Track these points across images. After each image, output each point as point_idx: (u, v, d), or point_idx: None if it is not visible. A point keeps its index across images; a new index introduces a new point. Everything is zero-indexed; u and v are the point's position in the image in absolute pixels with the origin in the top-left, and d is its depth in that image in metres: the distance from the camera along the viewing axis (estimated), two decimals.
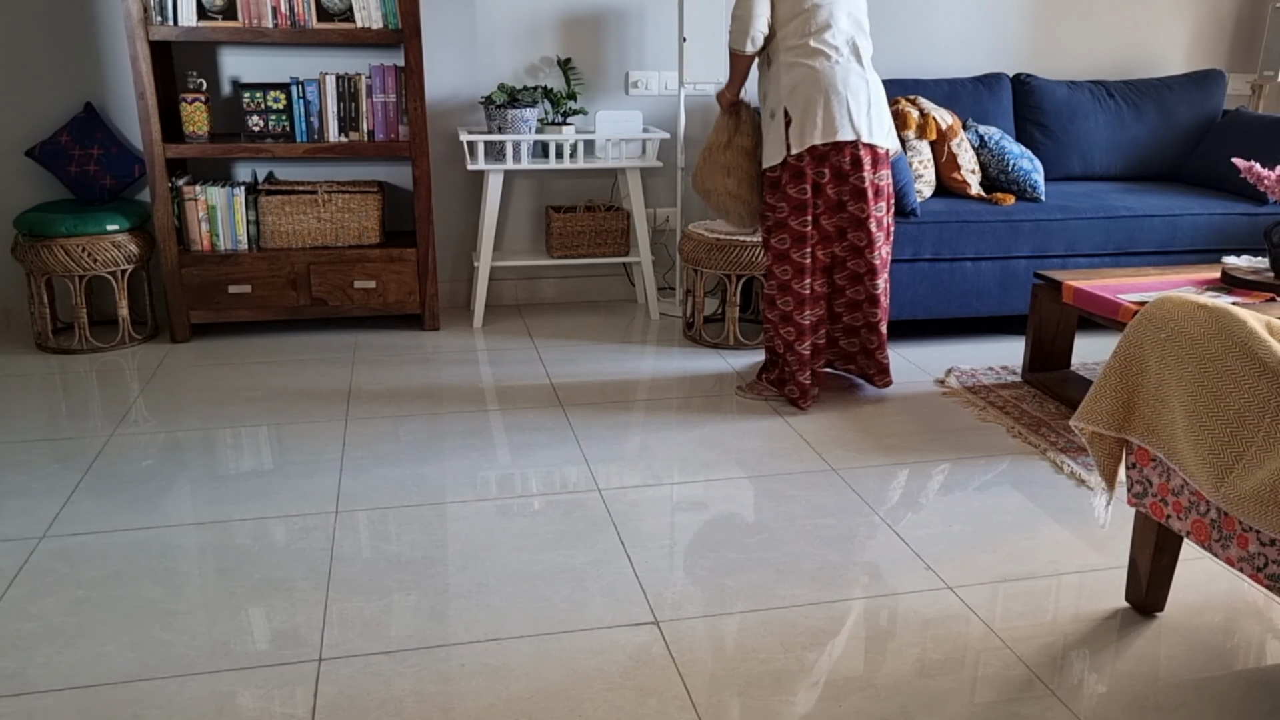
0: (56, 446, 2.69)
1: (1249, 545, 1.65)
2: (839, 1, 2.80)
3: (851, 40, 2.83)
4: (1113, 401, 1.85)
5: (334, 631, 1.89)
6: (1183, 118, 4.20)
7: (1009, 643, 1.88)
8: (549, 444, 2.74)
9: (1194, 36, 4.53)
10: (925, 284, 3.52)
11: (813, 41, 2.79)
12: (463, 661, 1.80)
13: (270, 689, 1.72)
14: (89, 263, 3.36)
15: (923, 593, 2.04)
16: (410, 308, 3.69)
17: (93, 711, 1.66)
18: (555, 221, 3.84)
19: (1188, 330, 1.72)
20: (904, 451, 2.72)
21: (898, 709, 1.69)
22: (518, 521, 2.32)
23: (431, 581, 2.06)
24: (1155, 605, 1.97)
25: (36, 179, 3.66)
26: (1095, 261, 3.63)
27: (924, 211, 3.47)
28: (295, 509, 2.36)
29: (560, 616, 1.94)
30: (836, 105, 2.79)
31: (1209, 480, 1.64)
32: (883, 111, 2.91)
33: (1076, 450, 2.73)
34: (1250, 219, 3.71)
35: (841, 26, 2.81)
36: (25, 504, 2.37)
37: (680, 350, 3.56)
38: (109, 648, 1.83)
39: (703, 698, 1.71)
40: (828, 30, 2.79)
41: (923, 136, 3.64)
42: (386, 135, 3.60)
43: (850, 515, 2.36)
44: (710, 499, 2.44)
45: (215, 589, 2.02)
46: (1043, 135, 4.08)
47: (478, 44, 3.86)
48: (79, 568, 2.09)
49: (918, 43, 4.25)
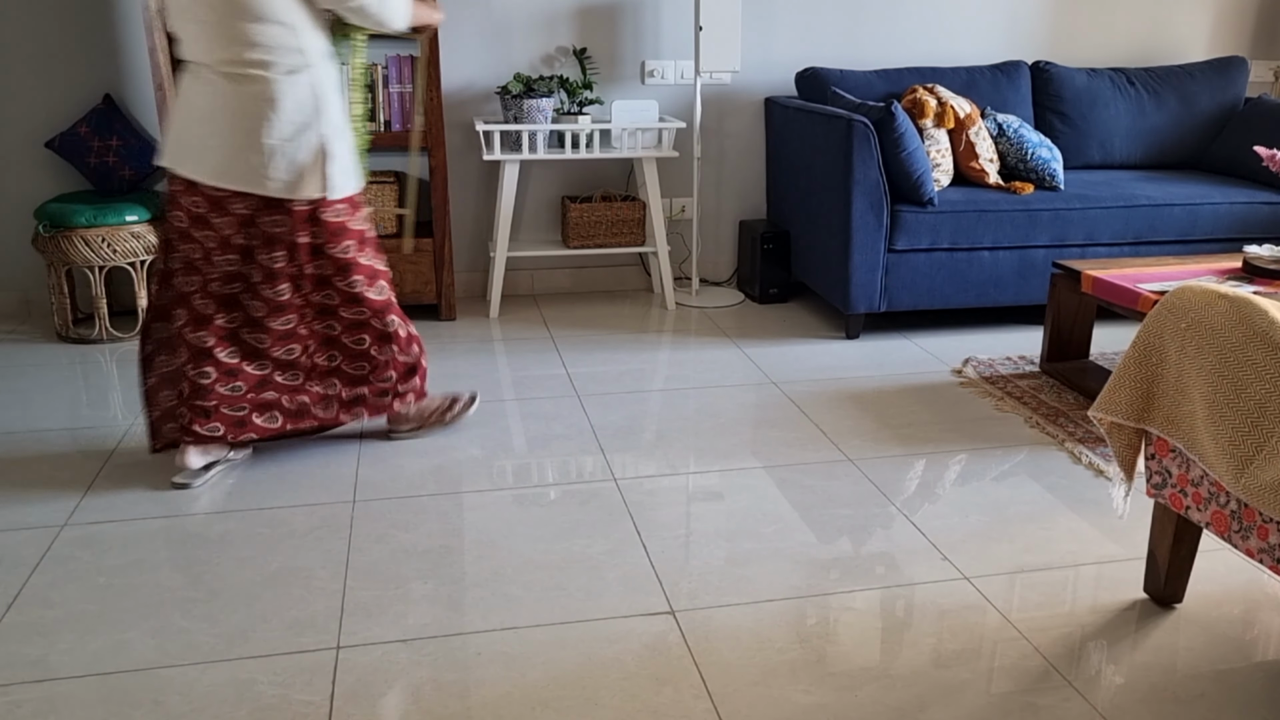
0: (77, 436, 2.71)
1: (1269, 536, 1.64)
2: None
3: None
4: (1132, 392, 1.84)
5: (352, 620, 1.90)
6: (1204, 105, 4.16)
7: (1026, 633, 1.87)
8: (565, 434, 2.75)
9: (1216, 23, 4.48)
10: (943, 273, 3.50)
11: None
12: (479, 650, 1.81)
13: (289, 676, 1.73)
14: (109, 253, 3.38)
15: (939, 583, 2.04)
16: (427, 298, 3.70)
17: (114, 698, 1.68)
18: (571, 211, 3.84)
19: (1208, 320, 1.70)
20: (921, 442, 2.71)
21: (914, 699, 1.69)
22: (534, 511, 2.32)
23: (448, 570, 2.07)
24: (1174, 596, 1.96)
25: (56, 170, 3.68)
26: (1115, 251, 3.60)
27: (941, 201, 3.45)
28: (313, 498, 2.37)
29: (576, 606, 1.95)
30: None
31: (1229, 471, 1.62)
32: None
33: (1095, 441, 2.72)
34: (1272, 208, 3.68)
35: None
36: (47, 492, 2.39)
37: (696, 340, 3.56)
38: (130, 635, 1.85)
39: (718, 687, 1.72)
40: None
41: (940, 125, 3.61)
42: (403, 125, 3.60)
43: (866, 505, 2.36)
44: (726, 489, 2.44)
45: (234, 577, 2.04)
46: (1062, 123, 4.05)
47: (494, 34, 3.86)
48: (100, 555, 2.11)
49: (936, 30, 4.22)
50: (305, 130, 2.28)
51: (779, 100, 3.96)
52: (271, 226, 2.33)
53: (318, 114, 2.30)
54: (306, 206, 2.33)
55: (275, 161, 2.26)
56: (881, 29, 4.17)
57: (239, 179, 2.27)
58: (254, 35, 2.20)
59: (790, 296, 4.07)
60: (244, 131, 2.25)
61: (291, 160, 2.28)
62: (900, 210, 3.40)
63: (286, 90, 2.26)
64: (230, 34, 2.20)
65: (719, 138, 4.16)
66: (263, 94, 2.24)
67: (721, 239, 4.29)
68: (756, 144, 4.21)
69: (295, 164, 2.28)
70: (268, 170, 2.26)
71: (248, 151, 2.25)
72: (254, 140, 2.25)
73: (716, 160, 4.19)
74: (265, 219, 2.33)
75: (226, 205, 2.32)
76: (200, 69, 2.27)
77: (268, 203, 2.31)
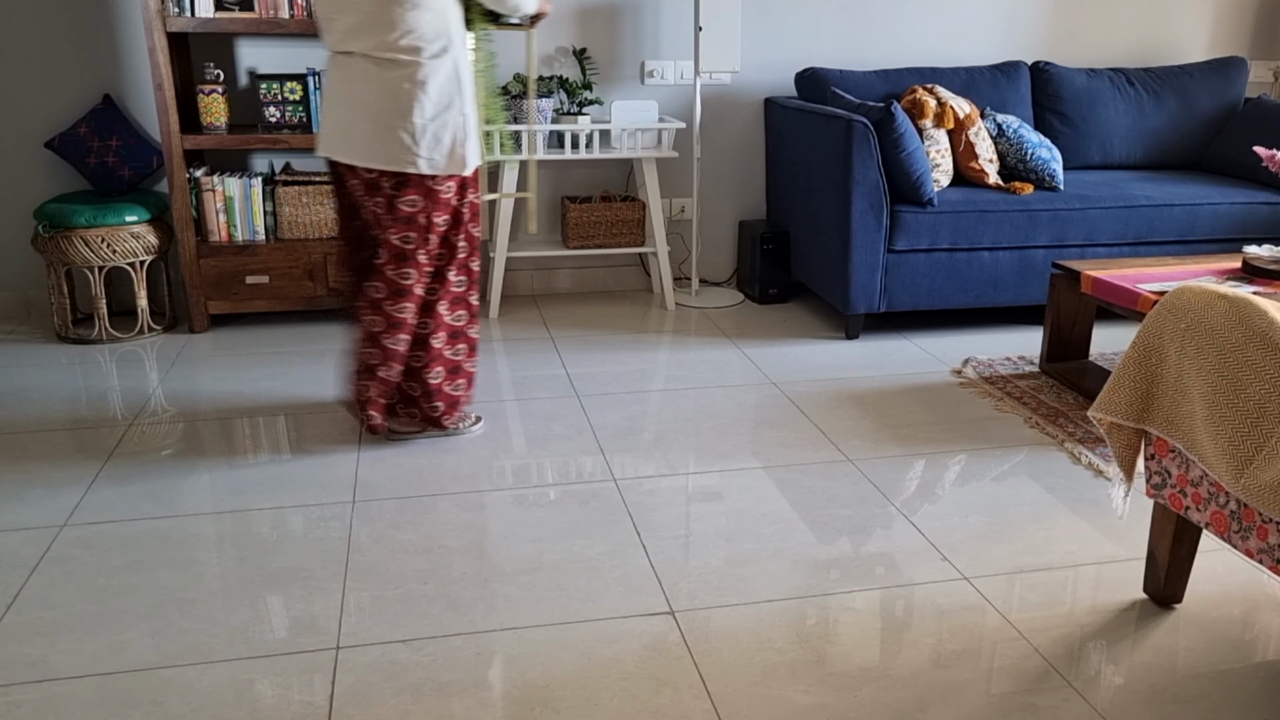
0: (77, 436, 2.71)
1: (1269, 537, 1.64)
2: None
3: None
4: (1131, 392, 1.84)
5: (351, 620, 1.90)
6: (1203, 106, 4.16)
7: (1025, 634, 1.87)
8: (565, 434, 2.74)
9: (1215, 23, 4.48)
10: (942, 274, 3.50)
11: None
12: (479, 650, 1.81)
13: (289, 677, 1.73)
14: (108, 254, 3.38)
15: (939, 583, 2.04)
16: None
17: (114, 698, 1.68)
18: (571, 212, 3.84)
19: (1208, 320, 1.70)
20: (920, 442, 2.71)
21: (913, 699, 1.69)
22: (534, 511, 2.32)
23: (448, 571, 2.07)
24: (1173, 597, 1.96)
25: (56, 171, 3.68)
26: (1114, 251, 3.60)
27: (941, 201, 3.45)
28: (313, 498, 2.37)
29: (576, 606, 1.95)
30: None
31: (1228, 471, 1.62)
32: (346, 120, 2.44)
33: (1094, 441, 2.72)
34: (1272, 208, 3.68)
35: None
36: (46, 493, 2.39)
37: (696, 341, 3.56)
38: (129, 635, 1.85)
39: (718, 687, 1.72)
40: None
41: (940, 125, 3.61)
42: None
43: (866, 506, 2.36)
44: (726, 489, 2.44)
45: (234, 577, 2.04)
46: (1061, 124, 4.05)
47: (493, 34, 3.86)
48: (99, 556, 2.11)
49: (935, 31, 4.22)
50: (448, 109, 2.41)
51: (779, 100, 3.96)
52: (409, 206, 2.45)
53: (459, 94, 2.44)
54: (448, 181, 2.47)
55: (424, 141, 2.39)
56: (881, 29, 4.17)
57: (389, 159, 2.40)
58: (408, 22, 2.32)
59: (790, 297, 4.07)
60: (394, 113, 2.37)
61: (436, 138, 2.41)
62: (900, 210, 3.40)
63: (432, 73, 2.38)
64: (386, 21, 2.32)
65: (719, 138, 4.16)
66: (412, 76, 2.36)
67: (721, 239, 4.29)
68: (756, 144, 4.21)
69: (440, 143, 2.42)
70: (417, 149, 2.39)
71: (398, 132, 2.38)
72: (405, 121, 2.37)
73: (716, 160, 4.19)
74: (405, 198, 2.45)
75: (379, 184, 2.45)
76: (352, 58, 2.39)
77: (410, 181, 2.43)
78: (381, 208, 2.47)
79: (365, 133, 2.39)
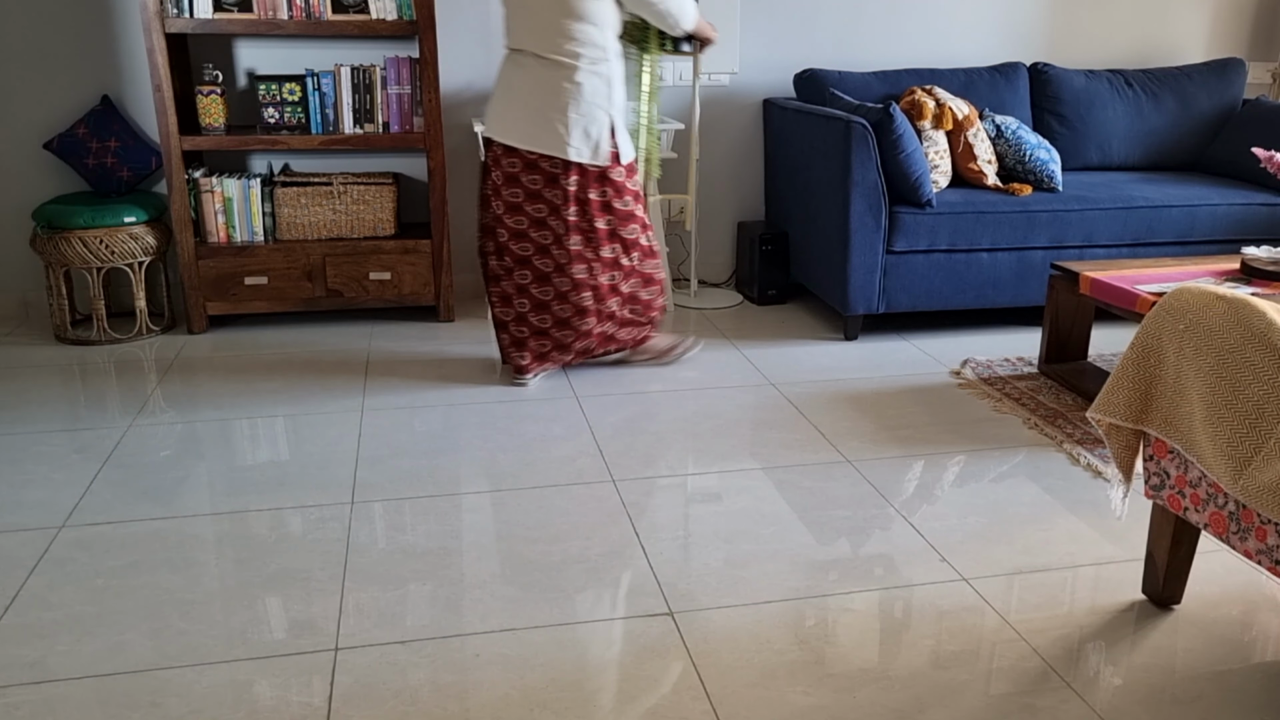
0: (75, 437, 2.71)
1: (1267, 538, 1.64)
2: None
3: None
4: (1130, 393, 1.84)
5: (350, 621, 1.90)
6: (1202, 107, 4.17)
7: (1024, 635, 1.87)
8: (564, 435, 2.75)
9: (1214, 24, 4.49)
10: (941, 275, 3.51)
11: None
12: (478, 652, 1.81)
13: (287, 678, 1.73)
14: (107, 255, 3.38)
15: (938, 584, 2.04)
16: (425, 299, 3.70)
17: (112, 700, 1.68)
18: None
19: (1206, 321, 1.70)
20: (919, 443, 2.71)
21: (912, 700, 1.69)
22: (533, 512, 2.32)
23: (447, 572, 2.07)
24: (1172, 598, 1.96)
25: (54, 171, 3.68)
26: (1113, 252, 3.61)
27: (940, 202, 3.45)
28: (311, 499, 2.37)
29: (575, 607, 1.95)
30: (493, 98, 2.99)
31: (1227, 472, 1.62)
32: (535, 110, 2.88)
33: (1093, 442, 2.72)
34: (1270, 209, 3.68)
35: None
36: (45, 494, 2.39)
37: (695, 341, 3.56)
38: (128, 636, 1.84)
39: (717, 688, 1.72)
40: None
41: (939, 126, 3.62)
42: (401, 127, 3.60)
43: (865, 507, 2.36)
44: (725, 490, 2.44)
45: (232, 579, 2.04)
46: (1060, 125, 4.06)
47: (492, 35, 3.86)
48: (98, 557, 2.11)
49: (934, 32, 4.23)
50: (597, 109, 2.85)
51: (777, 102, 3.96)
52: (569, 185, 2.89)
53: (608, 99, 2.87)
54: (597, 169, 2.90)
55: (575, 132, 2.84)
56: (880, 31, 4.17)
57: (546, 144, 2.85)
58: (574, 31, 2.78)
59: (788, 298, 4.07)
60: (553, 107, 2.83)
61: (585, 131, 2.85)
62: (898, 212, 3.40)
63: (587, 77, 2.83)
64: (556, 28, 2.78)
65: (717, 139, 4.16)
66: (570, 78, 2.81)
67: (720, 240, 4.29)
68: (755, 145, 4.21)
69: (590, 135, 2.86)
70: (569, 138, 2.84)
71: (555, 123, 2.83)
72: (560, 114, 2.83)
73: (715, 162, 4.19)
74: (565, 179, 2.89)
75: (538, 164, 2.90)
76: (525, 56, 2.85)
77: (566, 165, 2.88)
78: (539, 184, 2.91)
79: (526, 120, 2.85)
